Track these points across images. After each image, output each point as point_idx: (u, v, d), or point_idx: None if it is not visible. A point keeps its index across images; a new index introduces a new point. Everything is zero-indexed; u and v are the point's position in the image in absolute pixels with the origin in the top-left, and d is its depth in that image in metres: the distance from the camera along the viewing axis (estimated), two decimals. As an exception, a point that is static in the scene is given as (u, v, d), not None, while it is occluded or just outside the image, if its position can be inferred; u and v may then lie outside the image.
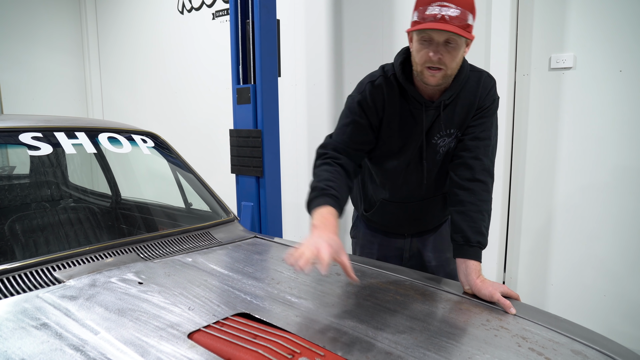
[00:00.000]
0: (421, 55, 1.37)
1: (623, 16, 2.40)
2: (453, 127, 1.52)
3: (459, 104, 1.51)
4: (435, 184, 1.62)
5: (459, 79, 1.47)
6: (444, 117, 1.51)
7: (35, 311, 1.14)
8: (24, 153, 1.76)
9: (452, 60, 1.36)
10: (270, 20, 2.91)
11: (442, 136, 1.52)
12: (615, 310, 2.56)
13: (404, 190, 1.64)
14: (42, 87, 5.84)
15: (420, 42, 1.36)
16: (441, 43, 1.33)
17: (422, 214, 1.70)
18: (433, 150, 1.55)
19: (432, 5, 1.30)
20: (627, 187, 2.48)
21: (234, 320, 1.13)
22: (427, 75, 1.38)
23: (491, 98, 1.52)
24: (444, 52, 1.34)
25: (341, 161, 1.49)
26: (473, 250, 1.40)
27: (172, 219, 2.18)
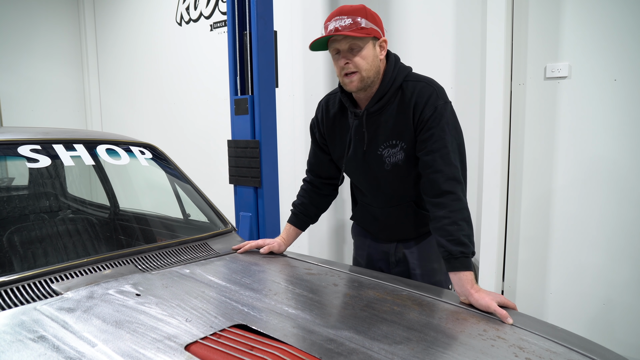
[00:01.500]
0: (337, 67, 1.54)
1: (617, 25, 2.43)
2: (394, 138, 1.56)
3: (395, 115, 1.55)
4: (394, 193, 1.67)
5: (383, 86, 1.55)
6: (381, 127, 1.57)
7: (33, 324, 1.14)
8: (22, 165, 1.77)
9: (362, 61, 1.48)
10: (268, 32, 2.94)
11: (387, 147, 1.58)
12: (614, 318, 2.56)
13: (367, 195, 1.75)
14: (41, 99, 5.86)
15: (333, 56, 1.54)
16: (347, 50, 1.49)
17: (393, 220, 1.74)
18: (379, 160, 1.61)
19: (330, 22, 1.49)
20: (625, 195, 2.49)
21: (230, 331, 1.13)
22: (347, 82, 1.52)
23: (431, 107, 1.50)
24: (352, 57, 1.49)
25: (310, 179, 1.88)
26: (459, 261, 1.41)
27: (170, 230, 2.19)
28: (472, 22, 2.87)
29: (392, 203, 1.70)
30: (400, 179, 1.63)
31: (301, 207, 1.88)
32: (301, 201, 1.88)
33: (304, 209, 1.87)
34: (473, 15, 2.87)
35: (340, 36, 1.47)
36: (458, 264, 1.41)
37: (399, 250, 1.78)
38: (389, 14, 3.22)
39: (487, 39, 2.75)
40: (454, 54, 2.98)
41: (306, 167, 1.92)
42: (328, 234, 3.78)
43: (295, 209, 1.89)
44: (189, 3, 4.73)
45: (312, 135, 1.83)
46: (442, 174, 1.48)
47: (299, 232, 1.90)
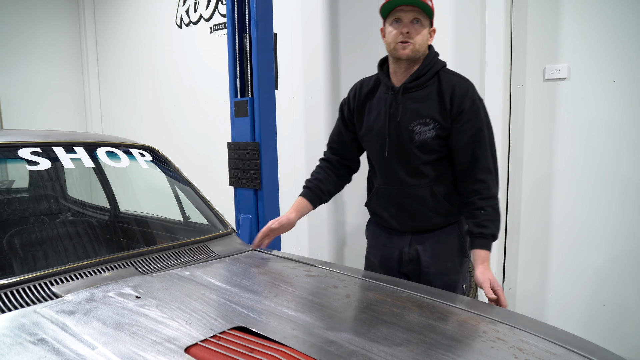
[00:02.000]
0: (394, 34, 1.63)
1: (616, 27, 2.43)
2: (429, 117, 1.66)
3: (431, 96, 1.66)
4: (414, 172, 1.71)
5: (422, 67, 1.67)
6: (416, 105, 1.67)
7: (33, 326, 1.14)
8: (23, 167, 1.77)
9: (418, 35, 1.62)
10: (267, 34, 2.94)
11: (419, 124, 1.67)
12: (614, 319, 2.56)
13: (386, 174, 1.78)
14: (41, 101, 5.87)
15: (392, 24, 1.64)
16: (409, 22, 1.61)
17: (409, 203, 1.76)
18: (409, 135, 1.68)
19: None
20: (625, 197, 2.49)
21: (231, 334, 1.13)
22: (399, 49, 1.63)
23: (470, 99, 1.64)
24: (412, 28, 1.61)
25: (327, 157, 1.94)
26: (478, 241, 1.60)
27: (170, 232, 2.19)
28: (472, 24, 2.88)
29: (411, 183, 1.73)
30: (424, 157, 1.68)
31: (316, 182, 1.90)
32: (316, 177, 1.92)
33: (319, 184, 1.89)
34: (472, 17, 2.87)
35: (408, 8, 1.59)
36: (476, 242, 1.61)
37: (412, 247, 1.80)
38: (388, 16, 3.23)
39: (486, 40, 2.76)
40: (453, 55, 2.98)
41: (326, 147, 1.97)
42: (328, 236, 3.78)
43: (308, 183, 1.91)
44: (189, 5, 4.74)
45: (340, 113, 1.91)
46: (478, 164, 1.64)
47: (310, 207, 1.90)
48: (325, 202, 1.94)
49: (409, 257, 1.80)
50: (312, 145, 3.76)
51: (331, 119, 3.61)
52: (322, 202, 1.93)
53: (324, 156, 1.97)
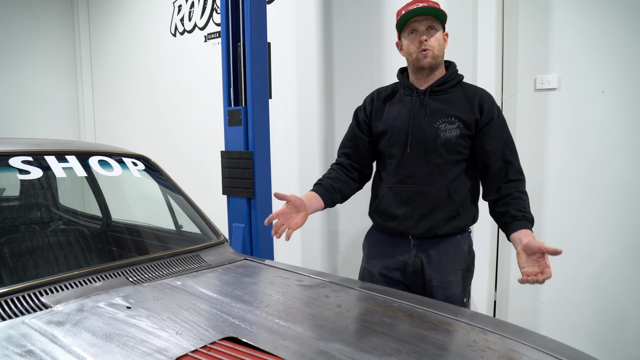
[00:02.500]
0: (412, 44, 1.73)
1: (605, 38, 2.47)
2: (453, 117, 1.72)
3: (455, 99, 1.74)
4: (436, 169, 1.73)
5: (447, 74, 1.77)
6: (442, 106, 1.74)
7: (21, 338, 1.13)
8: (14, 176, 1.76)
9: (435, 41, 1.71)
10: (261, 43, 2.96)
11: (444, 122, 1.72)
12: (606, 328, 2.57)
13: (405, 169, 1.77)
14: (34, 109, 5.85)
15: (409, 35, 1.74)
16: (425, 30, 1.70)
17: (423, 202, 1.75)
18: (434, 133, 1.72)
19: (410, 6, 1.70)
20: (615, 205, 2.51)
21: (221, 344, 1.13)
22: (421, 58, 1.71)
23: (497, 109, 1.76)
24: (429, 36, 1.70)
25: (339, 161, 1.95)
26: (521, 222, 1.63)
27: (162, 242, 2.18)
28: (463, 36, 2.91)
29: (429, 181, 1.74)
30: (446, 157, 1.72)
31: (327, 180, 1.87)
32: (327, 176, 1.90)
33: (330, 182, 1.86)
34: (464, 28, 2.90)
35: (421, 17, 1.69)
36: (519, 224, 1.63)
37: (417, 257, 1.78)
38: (382, 28, 3.26)
39: (478, 51, 2.78)
40: (445, 65, 3.00)
41: (337, 154, 1.99)
42: (321, 245, 3.78)
43: (319, 181, 1.88)
44: (184, 14, 4.75)
45: (354, 119, 1.95)
46: (512, 166, 1.73)
47: (320, 201, 1.79)
48: (337, 201, 1.87)
49: (413, 268, 1.79)
50: (305, 154, 3.77)
51: (325, 127, 3.62)
52: (333, 201, 1.84)
53: (337, 160, 1.96)
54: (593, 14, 2.49)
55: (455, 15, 2.94)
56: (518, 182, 1.73)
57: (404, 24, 1.74)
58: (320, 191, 1.81)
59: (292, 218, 1.67)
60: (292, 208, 1.68)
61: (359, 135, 1.91)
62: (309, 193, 1.80)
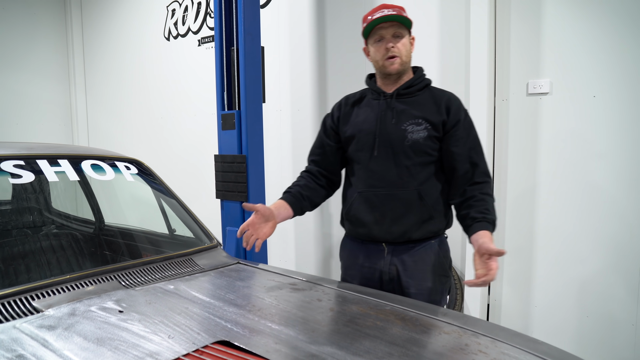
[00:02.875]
0: (379, 51, 1.72)
1: (596, 44, 2.49)
2: (421, 119, 1.71)
3: (422, 101, 1.74)
4: (404, 173, 1.71)
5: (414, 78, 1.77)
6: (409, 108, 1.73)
7: (12, 342, 1.13)
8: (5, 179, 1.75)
9: (403, 47, 1.71)
10: (255, 47, 2.96)
11: (412, 124, 1.71)
12: (599, 331, 2.59)
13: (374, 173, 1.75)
14: (27, 113, 5.82)
15: (375, 42, 1.73)
16: (390, 37, 1.70)
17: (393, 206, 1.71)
18: (401, 135, 1.71)
19: (375, 13, 1.70)
20: (607, 208, 2.53)
21: (213, 348, 1.13)
22: (388, 65, 1.71)
23: (463, 111, 1.75)
24: (395, 42, 1.70)
25: (308, 168, 1.94)
26: (480, 224, 1.60)
27: (155, 245, 2.18)
28: (456, 40, 2.93)
29: (399, 184, 1.71)
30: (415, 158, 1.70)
31: (296, 187, 1.85)
32: (296, 183, 1.88)
33: (299, 189, 1.84)
34: (457, 33, 2.92)
35: (387, 24, 1.69)
36: (478, 225, 1.60)
37: (392, 265, 1.74)
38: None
39: (470, 55, 2.80)
40: (438, 70, 3.02)
41: (307, 161, 1.98)
42: (315, 248, 3.78)
43: (287, 189, 1.86)
44: (177, 18, 4.76)
45: (322, 126, 1.95)
46: (478, 168, 1.71)
47: (289, 210, 1.79)
48: (306, 209, 1.86)
49: (389, 276, 1.75)
50: (299, 158, 3.77)
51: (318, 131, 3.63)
52: (302, 209, 1.84)
53: (305, 168, 1.96)
54: (585, 19, 2.52)
55: (448, 20, 2.96)
56: (483, 185, 1.70)
57: (370, 31, 1.74)
58: (289, 199, 1.80)
59: (261, 228, 1.67)
60: (260, 218, 1.67)
61: (326, 142, 1.90)
62: (277, 202, 1.79)
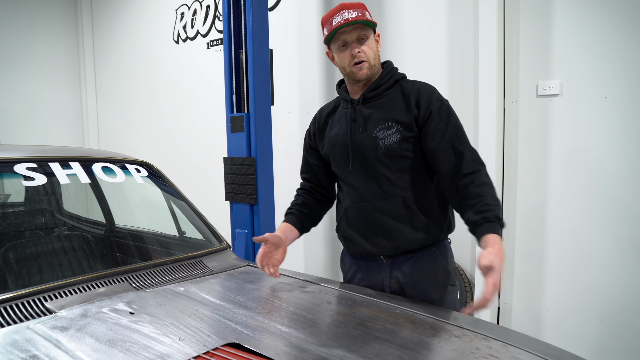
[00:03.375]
0: (345, 58, 1.61)
1: (607, 44, 2.47)
2: (390, 121, 1.59)
3: (392, 101, 1.62)
4: (384, 183, 1.60)
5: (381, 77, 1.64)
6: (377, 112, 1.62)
7: (25, 343, 1.14)
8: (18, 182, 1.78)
9: (369, 50, 1.60)
10: (263, 50, 2.97)
11: (382, 129, 1.60)
12: (611, 336, 2.56)
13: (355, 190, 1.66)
14: (38, 115, 5.89)
15: (339, 48, 1.62)
16: (355, 41, 1.59)
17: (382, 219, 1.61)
18: (373, 143, 1.60)
19: (334, 17, 1.58)
20: (620, 211, 2.50)
21: (224, 350, 1.13)
22: (356, 71, 1.60)
23: (438, 100, 1.59)
24: (361, 46, 1.59)
25: (302, 186, 1.90)
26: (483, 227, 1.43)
27: (165, 248, 2.19)
28: (465, 42, 2.92)
29: (381, 195, 1.61)
30: (392, 165, 1.59)
31: (297, 207, 1.83)
32: (294, 203, 1.86)
33: (300, 208, 1.82)
34: (465, 34, 2.92)
35: (349, 28, 1.56)
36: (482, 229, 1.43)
37: (392, 278, 1.65)
38: (384, 34, 3.27)
39: (479, 57, 2.79)
40: (447, 72, 3.02)
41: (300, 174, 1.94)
42: (324, 251, 3.78)
43: (288, 210, 1.85)
44: (186, 21, 4.79)
45: (304, 143, 1.89)
46: (464, 158, 1.53)
47: (296, 232, 1.79)
48: (310, 226, 1.85)
49: (391, 290, 1.67)
50: (308, 160, 3.77)
51: (327, 134, 3.63)
52: (306, 227, 1.83)
53: (299, 186, 1.92)
54: (595, 20, 2.50)
55: (456, 21, 2.96)
56: (474, 175, 1.51)
57: (331, 37, 1.62)
58: (292, 221, 1.80)
59: (274, 256, 1.69)
60: (271, 247, 1.68)
61: (310, 161, 1.85)
62: (282, 225, 1.80)
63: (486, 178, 1.53)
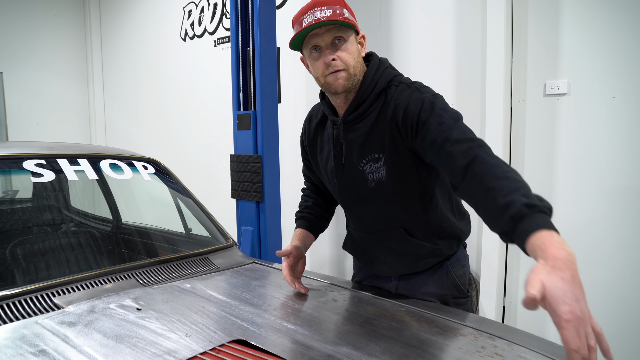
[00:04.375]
0: (318, 66, 1.35)
1: (615, 43, 2.46)
2: (376, 152, 1.36)
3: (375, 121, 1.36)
4: (380, 216, 1.46)
5: (361, 92, 1.37)
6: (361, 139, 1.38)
7: (34, 337, 1.15)
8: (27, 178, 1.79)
9: (348, 55, 1.32)
10: (271, 48, 2.98)
11: (369, 162, 1.39)
12: (617, 335, 2.55)
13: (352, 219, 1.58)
14: (46, 112, 5.93)
15: (311, 54, 1.36)
16: (330, 45, 1.32)
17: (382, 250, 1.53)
18: (361, 177, 1.41)
19: (305, 15, 1.33)
20: (626, 212, 2.49)
21: (230, 347, 1.14)
22: (332, 82, 1.33)
23: (417, 103, 1.29)
24: (336, 51, 1.32)
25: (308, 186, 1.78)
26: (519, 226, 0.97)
27: (171, 244, 2.20)
28: (472, 40, 2.91)
29: (379, 228, 1.48)
30: (385, 200, 1.42)
31: (307, 210, 1.69)
32: (305, 205, 1.71)
33: (311, 211, 1.69)
34: (473, 33, 2.91)
35: (322, 30, 1.30)
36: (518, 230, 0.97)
37: (400, 289, 1.60)
38: (390, 33, 3.27)
39: (487, 56, 2.78)
40: (454, 71, 3.01)
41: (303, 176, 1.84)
42: (329, 249, 3.78)
43: (299, 214, 1.70)
44: (194, 19, 4.80)
45: (301, 149, 1.73)
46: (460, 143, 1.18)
47: (312, 237, 1.68)
48: (324, 227, 1.74)
49: None
50: (314, 158, 3.78)
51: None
52: (320, 228, 1.72)
53: (305, 186, 1.80)
54: (602, 19, 2.48)
55: (464, 20, 2.95)
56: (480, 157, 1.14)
57: (301, 40, 1.36)
58: (306, 226, 1.67)
59: (297, 268, 1.58)
60: (294, 259, 1.56)
61: (309, 170, 1.73)
62: (298, 232, 1.65)
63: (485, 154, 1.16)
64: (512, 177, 1.07)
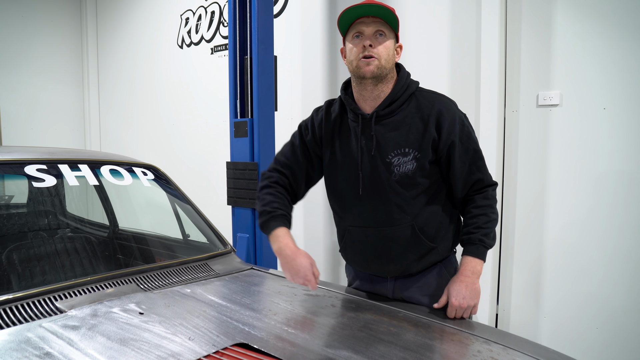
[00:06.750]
0: (355, 50, 1.46)
1: (607, 56, 2.52)
2: (407, 147, 1.48)
3: (408, 121, 1.49)
4: (395, 209, 1.51)
5: (396, 90, 1.50)
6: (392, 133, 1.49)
7: (39, 340, 1.17)
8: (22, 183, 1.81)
9: (384, 49, 1.45)
10: (268, 56, 3.01)
11: (397, 155, 1.48)
12: (606, 342, 2.59)
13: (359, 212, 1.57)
14: (41, 117, 5.91)
15: (353, 38, 1.48)
16: (372, 34, 1.45)
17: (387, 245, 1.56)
18: (387, 169, 1.49)
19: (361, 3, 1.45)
20: (617, 222, 2.54)
21: (233, 350, 1.16)
22: (363, 66, 1.45)
23: (460, 124, 1.52)
24: (375, 42, 1.45)
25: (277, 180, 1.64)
26: (465, 248, 1.55)
27: (170, 250, 2.22)
28: (466, 51, 2.97)
29: (390, 222, 1.52)
30: (405, 193, 1.50)
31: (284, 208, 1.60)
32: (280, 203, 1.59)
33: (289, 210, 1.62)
34: (467, 44, 2.96)
35: (369, 19, 1.44)
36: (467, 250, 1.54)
37: (396, 292, 1.64)
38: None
39: (481, 66, 2.84)
40: (449, 82, 3.06)
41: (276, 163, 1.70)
42: (324, 256, 3.80)
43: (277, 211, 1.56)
44: (191, 26, 4.83)
45: (299, 136, 1.69)
46: (483, 182, 1.57)
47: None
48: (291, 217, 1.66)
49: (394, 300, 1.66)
50: (309, 165, 3.80)
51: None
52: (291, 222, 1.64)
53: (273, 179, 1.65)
54: (596, 31, 2.55)
55: (458, 31, 3.00)
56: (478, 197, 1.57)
57: (348, 24, 1.47)
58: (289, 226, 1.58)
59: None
60: None
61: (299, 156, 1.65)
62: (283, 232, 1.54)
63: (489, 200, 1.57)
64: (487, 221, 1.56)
